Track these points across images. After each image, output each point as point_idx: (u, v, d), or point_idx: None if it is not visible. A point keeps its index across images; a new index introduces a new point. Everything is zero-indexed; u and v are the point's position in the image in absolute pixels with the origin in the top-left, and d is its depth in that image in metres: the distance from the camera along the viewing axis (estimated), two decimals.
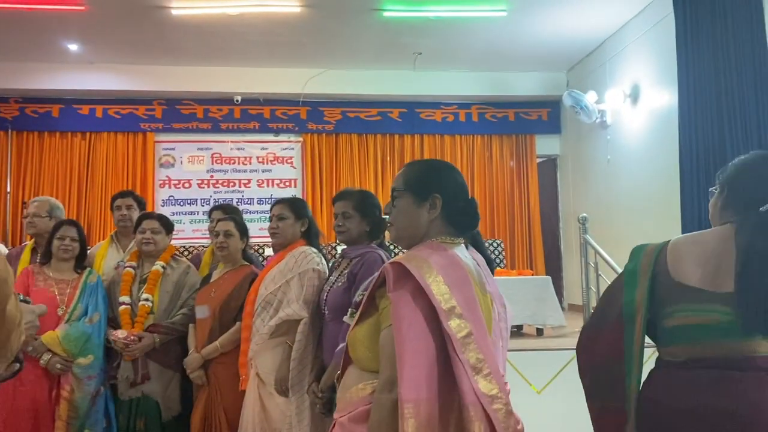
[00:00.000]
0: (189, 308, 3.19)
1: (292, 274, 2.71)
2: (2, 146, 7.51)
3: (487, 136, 8.16)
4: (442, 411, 1.28)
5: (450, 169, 1.63)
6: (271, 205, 3.03)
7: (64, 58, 7.17)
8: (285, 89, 7.65)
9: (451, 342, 1.30)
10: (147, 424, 3.04)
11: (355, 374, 1.50)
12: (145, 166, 7.71)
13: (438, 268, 1.37)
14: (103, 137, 7.69)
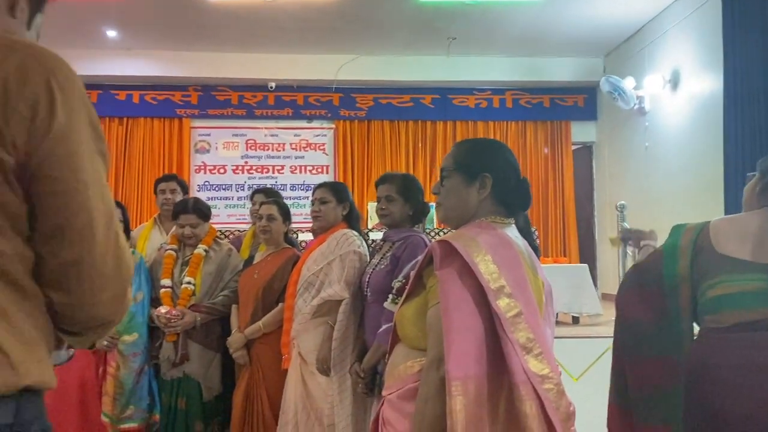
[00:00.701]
0: (231, 290, 3.24)
1: (334, 256, 2.73)
2: None
3: (521, 123, 8.08)
4: (491, 389, 1.27)
5: (501, 147, 1.62)
6: (313, 189, 3.05)
7: (103, 45, 7.28)
8: (318, 75, 7.67)
9: (499, 321, 1.29)
10: (188, 404, 3.10)
11: (403, 352, 1.50)
12: (181, 151, 7.81)
13: (486, 247, 1.36)
14: (140, 123, 7.81)
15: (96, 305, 0.93)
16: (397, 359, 1.51)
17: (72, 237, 0.90)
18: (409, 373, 1.44)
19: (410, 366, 1.45)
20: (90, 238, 0.91)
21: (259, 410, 2.90)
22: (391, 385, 1.51)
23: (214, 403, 3.16)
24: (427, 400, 1.32)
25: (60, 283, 0.91)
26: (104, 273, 0.93)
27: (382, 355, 2.37)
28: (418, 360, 1.43)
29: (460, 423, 1.23)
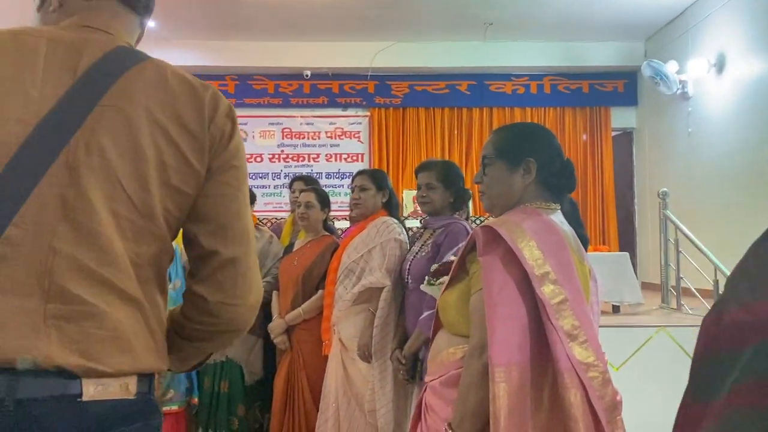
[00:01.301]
0: (272, 276, 3.28)
1: (374, 244, 2.74)
2: None
3: (559, 109, 7.95)
4: (534, 377, 1.26)
5: (542, 131, 1.59)
6: (353, 177, 3.06)
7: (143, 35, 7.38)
8: (353, 63, 7.65)
9: (544, 308, 1.27)
10: (230, 388, 3.17)
11: (446, 338, 1.50)
12: None
13: (531, 233, 1.34)
14: None
15: (243, 306, 1.01)
16: (440, 345, 1.51)
17: (234, 236, 1.00)
18: (452, 359, 1.44)
19: (452, 353, 1.45)
20: (247, 240, 1.02)
21: (300, 395, 2.94)
22: (433, 371, 1.51)
23: (256, 387, 3.22)
24: (470, 386, 1.32)
25: (217, 280, 0.99)
26: (255, 275, 1.03)
27: (424, 342, 2.38)
28: (461, 347, 1.43)
29: (503, 410, 1.22)
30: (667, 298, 4.69)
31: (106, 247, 0.89)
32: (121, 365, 0.89)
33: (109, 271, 0.89)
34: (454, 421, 1.34)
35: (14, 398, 0.81)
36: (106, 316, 0.88)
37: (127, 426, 0.90)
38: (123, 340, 0.89)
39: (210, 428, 3.13)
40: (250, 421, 3.19)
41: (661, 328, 3.63)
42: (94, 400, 0.86)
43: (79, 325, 0.86)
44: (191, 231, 1.00)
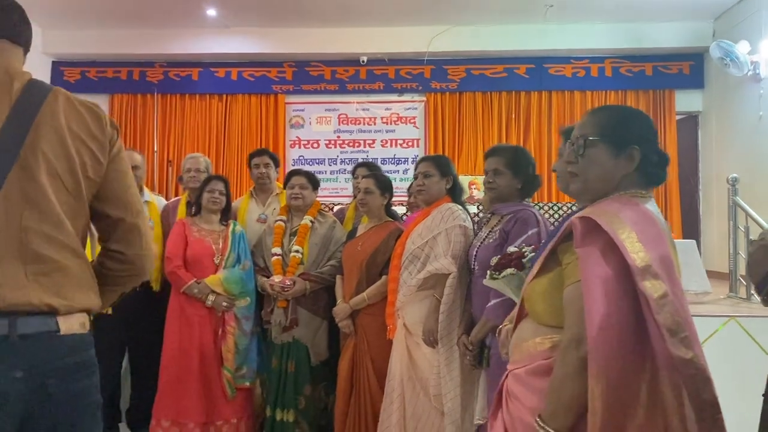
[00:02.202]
0: (337, 260, 3.34)
1: (439, 230, 2.75)
2: (149, 108, 8.10)
3: (621, 92, 7.73)
4: (632, 372, 1.23)
5: (646, 117, 1.52)
6: (416, 163, 3.06)
7: (203, 23, 7.54)
8: (410, 48, 7.63)
9: (646, 302, 1.22)
10: (297, 367, 3.25)
11: (531, 328, 1.49)
12: (277, 126, 8.03)
13: (631, 224, 1.29)
14: (238, 99, 8.08)
15: (149, 255, 1.51)
16: (525, 334, 1.50)
17: (131, 206, 1.47)
18: (539, 349, 1.43)
19: (539, 342, 1.44)
20: (140, 209, 1.50)
21: (365, 378, 3.00)
22: (517, 360, 1.50)
23: (321, 368, 3.30)
24: (565, 379, 1.30)
25: (128, 239, 1.47)
26: (149, 236, 1.53)
27: (491, 330, 2.39)
28: (549, 337, 1.42)
29: (601, 405, 1.20)
30: (736, 287, 4.54)
31: (59, 221, 1.32)
32: (82, 301, 1.34)
33: (64, 237, 1.32)
34: (545, 413, 1.33)
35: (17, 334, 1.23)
36: (68, 268, 1.32)
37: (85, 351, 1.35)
38: (81, 284, 1.35)
39: (278, 406, 3.23)
40: (316, 401, 3.27)
41: (731, 318, 3.53)
42: (66, 334, 1.30)
43: (51, 276, 1.29)
44: (100, 207, 1.44)
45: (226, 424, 3.26)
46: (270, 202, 3.76)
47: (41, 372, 1.26)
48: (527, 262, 2.14)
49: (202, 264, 3.34)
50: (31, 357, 1.25)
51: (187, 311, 3.30)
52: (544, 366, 1.40)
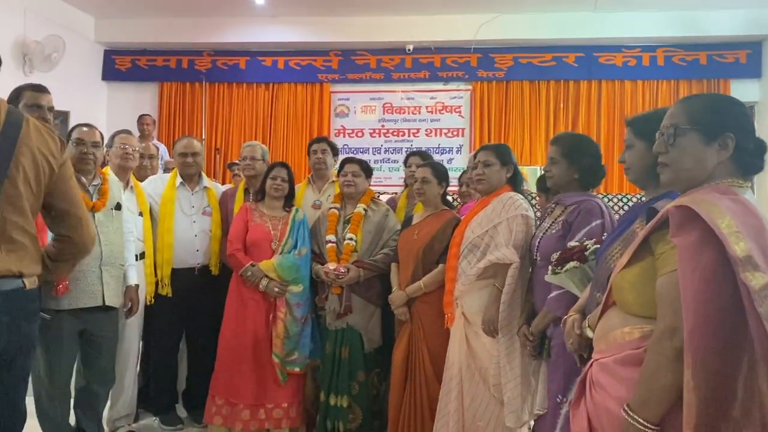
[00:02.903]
0: (390, 249, 3.35)
1: (500, 219, 2.73)
2: (198, 97, 8.23)
3: (673, 81, 7.54)
4: (730, 365, 1.20)
5: (740, 104, 1.47)
6: (475, 152, 3.04)
7: (251, 12, 7.61)
8: (456, 36, 7.57)
9: (747, 294, 1.19)
10: (351, 354, 3.28)
11: (620, 317, 1.46)
12: (322, 115, 8.07)
13: (731, 214, 1.26)
14: (284, 88, 8.14)
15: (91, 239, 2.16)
16: (612, 323, 1.48)
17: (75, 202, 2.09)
18: (628, 339, 1.41)
19: (628, 332, 1.41)
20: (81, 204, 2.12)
21: (421, 366, 3.01)
22: (603, 349, 1.48)
23: (374, 354, 3.32)
24: (658, 370, 1.28)
25: (74, 227, 2.08)
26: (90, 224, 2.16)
27: (552, 321, 2.37)
28: (638, 327, 1.40)
29: (697, 397, 1.18)
30: None
31: (25, 215, 1.90)
32: (35, 270, 1.97)
33: (27, 226, 1.91)
34: (634, 403, 1.31)
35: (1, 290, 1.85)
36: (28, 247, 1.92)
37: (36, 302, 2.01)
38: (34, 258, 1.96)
39: (332, 392, 3.26)
40: (369, 387, 3.29)
41: None
42: (28, 288, 1.93)
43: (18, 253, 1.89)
44: (52, 203, 2.03)
45: (277, 408, 3.30)
46: (326, 189, 3.79)
47: (16, 315, 1.91)
48: (590, 254, 2.11)
49: (260, 248, 3.39)
50: (10, 305, 1.87)
51: (244, 294, 3.35)
52: (633, 356, 1.38)
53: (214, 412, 3.29)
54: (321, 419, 3.31)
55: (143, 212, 3.51)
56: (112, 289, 2.93)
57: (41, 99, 2.69)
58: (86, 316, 2.86)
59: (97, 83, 8.27)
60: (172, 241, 3.57)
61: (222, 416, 3.27)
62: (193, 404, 3.74)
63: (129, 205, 3.32)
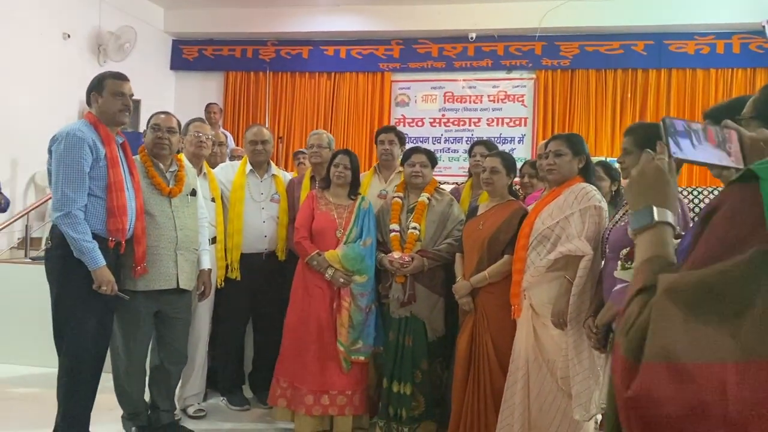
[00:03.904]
0: (454, 239, 3.34)
1: (572, 211, 2.68)
2: (261, 86, 8.39)
3: (749, 70, 7.21)
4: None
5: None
6: (546, 142, 2.99)
7: (314, 2, 7.69)
8: (520, 24, 7.45)
9: None
10: (414, 342, 3.29)
11: None
12: (382, 104, 8.09)
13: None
14: (346, 77, 8.20)
15: None
16: None
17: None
18: None
19: None
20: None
21: (485, 356, 2.99)
22: None
23: (438, 343, 3.32)
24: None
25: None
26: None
27: (616, 314, 2.32)
28: None
29: None
30: None
31: None
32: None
33: None
34: None
35: None
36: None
37: None
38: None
39: (395, 379, 3.29)
40: (432, 376, 3.30)
41: None
42: None
43: None
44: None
45: (341, 395, 3.34)
46: (392, 179, 3.80)
47: None
48: None
49: (325, 236, 3.43)
50: None
51: (309, 282, 3.40)
52: None
53: (278, 395, 3.37)
54: (383, 405, 3.34)
55: (215, 198, 3.61)
56: (186, 272, 3.04)
57: (123, 87, 2.80)
58: (161, 297, 2.98)
59: (166, 72, 8.53)
60: (241, 226, 3.66)
61: (286, 399, 3.35)
62: (258, 386, 3.84)
63: (202, 192, 3.42)
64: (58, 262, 2.68)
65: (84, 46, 7.10)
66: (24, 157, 6.21)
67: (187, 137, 3.53)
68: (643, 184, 1.03)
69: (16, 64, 6.13)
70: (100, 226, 2.70)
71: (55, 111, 6.54)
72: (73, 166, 2.62)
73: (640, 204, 1.01)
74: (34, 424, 3.32)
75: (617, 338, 0.83)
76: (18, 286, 4.26)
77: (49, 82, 6.53)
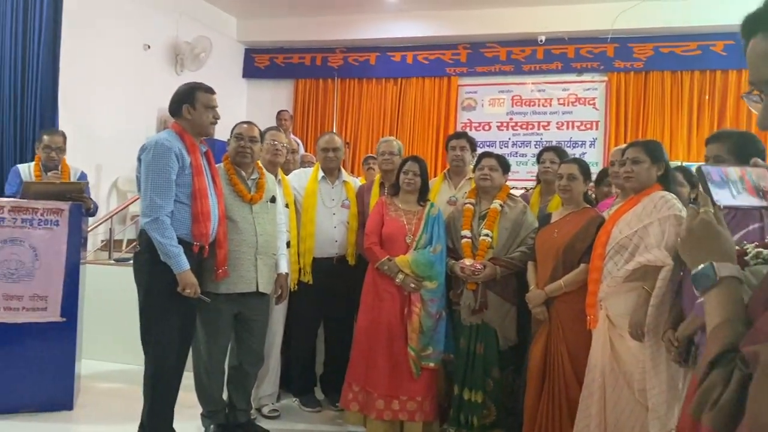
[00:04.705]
0: (527, 246, 3.31)
1: (651, 220, 2.62)
2: (330, 92, 8.54)
3: None
4: None
5: None
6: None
7: (382, 8, 7.77)
8: (592, 26, 7.30)
9: None
10: (485, 350, 3.28)
11: None
12: (449, 109, 8.09)
13: None
14: (412, 82, 8.25)
15: None
16: None
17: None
18: None
19: None
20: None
21: (559, 366, 2.95)
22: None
23: (509, 352, 3.30)
24: None
25: None
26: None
27: (699, 327, 2.24)
28: None
29: None
30: None
31: None
32: None
33: None
34: None
35: None
36: None
37: None
38: None
39: (466, 386, 3.29)
40: (504, 384, 3.28)
41: None
42: None
43: None
44: None
45: (411, 400, 3.34)
46: (462, 186, 3.80)
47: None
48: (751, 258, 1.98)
49: (394, 242, 3.46)
50: None
51: (379, 287, 3.44)
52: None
53: (350, 399, 3.42)
54: (454, 412, 3.34)
55: (288, 204, 3.71)
56: (265, 276, 3.14)
57: (214, 100, 2.94)
58: (241, 300, 3.09)
59: (238, 80, 8.81)
60: (313, 231, 3.75)
61: (358, 403, 3.40)
62: (329, 388, 3.91)
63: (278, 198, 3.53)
64: (146, 264, 2.82)
65: (162, 56, 7.42)
66: (107, 163, 6.55)
67: (264, 145, 3.65)
68: (695, 242, 0.99)
69: (101, 74, 6.47)
70: (185, 231, 2.83)
71: (134, 119, 6.88)
72: (160, 174, 2.75)
73: (699, 262, 0.97)
74: (121, 418, 3.50)
75: (703, 416, 0.79)
76: (103, 286, 4.50)
77: (130, 91, 6.86)
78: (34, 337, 3.58)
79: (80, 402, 3.82)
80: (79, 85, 6.07)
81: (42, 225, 3.57)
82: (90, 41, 6.33)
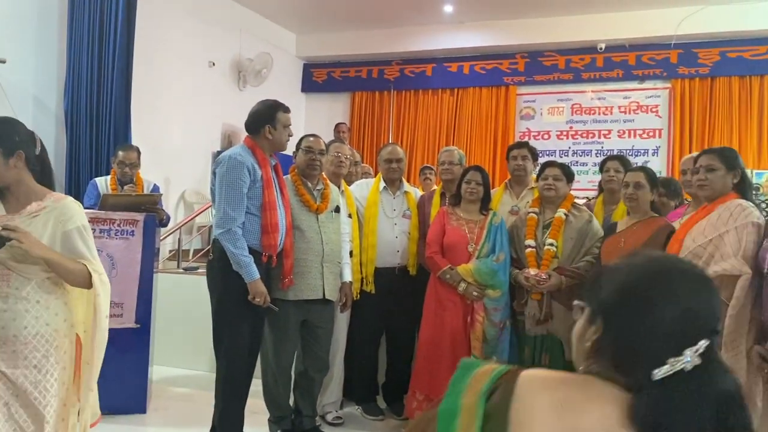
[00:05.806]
0: (593, 256, 3.26)
1: (727, 228, 2.54)
2: (386, 104, 8.63)
3: None
4: None
5: None
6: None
7: (438, 19, 7.81)
8: (654, 32, 7.15)
9: None
10: (551, 361, 3.24)
11: None
12: (507, 118, 8.04)
13: None
14: (469, 92, 8.25)
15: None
16: None
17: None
18: None
19: None
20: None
21: None
22: None
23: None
24: None
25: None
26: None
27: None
28: None
29: None
30: None
31: None
32: None
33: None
34: None
35: None
36: None
37: None
38: None
39: None
40: None
41: None
42: None
43: None
44: None
45: None
46: (524, 195, 3.78)
47: None
48: None
49: (456, 251, 3.47)
50: None
51: (441, 296, 3.45)
52: None
53: (414, 407, 3.44)
54: None
55: (351, 214, 3.78)
56: (331, 284, 3.21)
57: (290, 119, 3.07)
58: (308, 307, 3.17)
59: (297, 95, 9.00)
60: (375, 241, 3.80)
61: (422, 411, 3.41)
62: (391, 397, 3.93)
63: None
64: (219, 273, 2.93)
65: (226, 73, 7.67)
66: (175, 175, 6.80)
67: (328, 158, 3.73)
68: None
69: (169, 90, 6.74)
70: (255, 242, 2.92)
71: (200, 133, 7.12)
72: (233, 187, 2.86)
73: None
74: (192, 421, 3.62)
75: None
76: (172, 294, 4.66)
77: (196, 107, 7.12)
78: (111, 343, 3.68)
79: (153, 406, 3.96)
80: (150, 103, 6.34)
81: (119, 235, 3.74)
82: (159, 60, 6.61)
